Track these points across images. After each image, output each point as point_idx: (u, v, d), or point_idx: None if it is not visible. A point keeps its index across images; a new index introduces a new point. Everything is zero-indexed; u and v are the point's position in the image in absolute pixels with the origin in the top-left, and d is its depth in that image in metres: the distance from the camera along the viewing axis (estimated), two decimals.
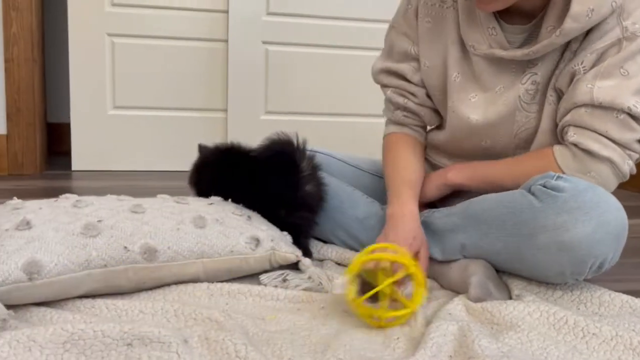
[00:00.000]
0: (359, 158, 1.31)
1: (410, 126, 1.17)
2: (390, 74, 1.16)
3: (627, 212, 0.90)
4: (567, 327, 0.80)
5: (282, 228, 1.07)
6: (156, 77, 2.21)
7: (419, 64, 1.12)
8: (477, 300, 0.89)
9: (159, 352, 0.66)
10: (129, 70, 2.18)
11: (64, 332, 0.68)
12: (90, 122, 2.18)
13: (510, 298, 0.94)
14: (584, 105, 0.92)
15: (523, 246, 0.91)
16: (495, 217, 0.95)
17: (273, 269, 1.02)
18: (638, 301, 0.91)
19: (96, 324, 0.69)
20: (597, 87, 0.91)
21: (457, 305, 0.87)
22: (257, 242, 0.99)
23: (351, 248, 1.15)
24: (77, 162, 2.18)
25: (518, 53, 0.97)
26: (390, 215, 1.04)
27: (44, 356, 0.66)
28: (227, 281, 0.97)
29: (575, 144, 0.94)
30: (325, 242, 1.18)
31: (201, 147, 1.20)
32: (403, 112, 1.16)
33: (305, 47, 2.28)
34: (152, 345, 0.67)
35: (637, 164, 0.97)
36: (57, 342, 0.67)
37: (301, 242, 1.08)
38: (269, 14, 2.22)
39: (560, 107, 0.97)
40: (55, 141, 2.46)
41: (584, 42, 0.93)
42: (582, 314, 0.88)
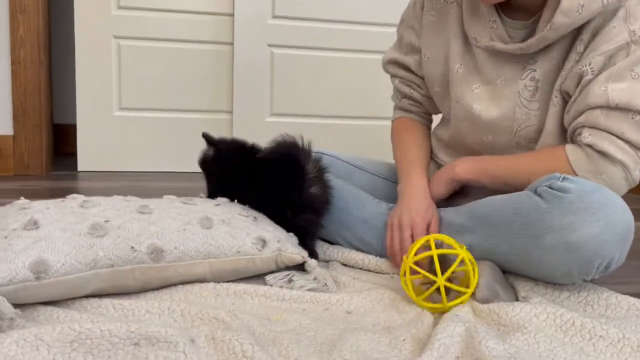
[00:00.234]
0: (365, 160, 1.32)
1: (416, 113, 1.28)
2: (398, 65, 1.24)
3: (633, 215, 0.90)
4: (574, 329, 0.80)
5: (288, 229, 1.08)
6: (162, 79, 2.22)
7: (421, 56, 1.18)
8: (484, 301, 0.89)
9: (166, 352, 0.66)
10: (135, 72, 2.19)
11: (71, 331, 0.68)
12: (96, 123, 2.18)
13: (517, 300, 0.93)
14: (599, 107, 0.93)
15: (530, 247, 0.91)
16: (502, 218, 0.95)
17: (279, 269, 1.02)
18: None
19: (103, 324, 0.70)
20: (611, 89, 0.92)
21: (464, 307, 0.87)
22: (263, 242, 0.99)
23: (357, 249, 1.15)
24: (83, 163, 2.19)
25: (514, 47, 1.00)
26: (402, 191, 1.13)
27: (52, 355, 0.66)
28: (234, 281, 0.97)
29: (590, 145, 0.94)
30: (332, 243, 1.18)
31: (207, 137, 1.18)
32: (409, 100, 1.26)
33: (310, 50, 2.28)
34: (159, 344, 0.68)
35: None
36: (65, 341, 0.67)
37: (307, 244, 1.07)
38: (275, 17, 2.23)
39: (571, 109, 0.97)
40: (61, 142, 2.47)
41: (590, 44, 0.94)
42: (589, 316, 0.87)
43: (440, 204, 1.12)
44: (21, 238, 0.84)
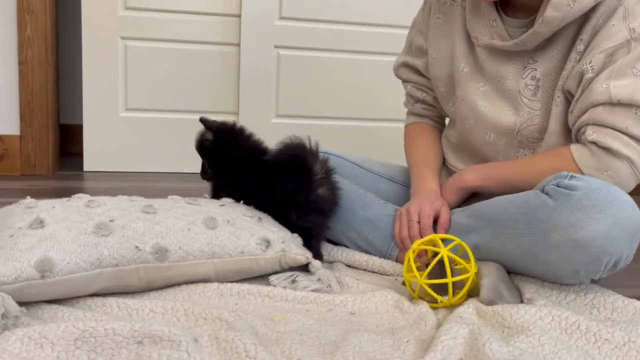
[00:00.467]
0: (372, 161, 1.32)
1: (429, 117, 1.29)
2: (409, 69, 1.26)
3: None
4: (579, 332, 0.79)
5: (293, 231, 1.07)
6: (168, 79, 2.22)
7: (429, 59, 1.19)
8: (489, 303, 0.88)
9: (169, 351, 0.66)
10: (141, 73, 2.20)
11: (75, 329, 0.68)
12: (103, 123, 2.19)
13: (522, 301, 0.93)
14: (602, 104, 0.93)
15: (536, 245, 0.91)
16: (509, 217, 0.95)
17: (283, 270, 1.02)
18: None
19: (107, 322, 0.70)
20: (613, 86, 0.92)
21: (468, 308, 0.87)
22: (267, 243, 0.99)
23: (362, 249, 1.15)
24: (89, 163, 2.20)
25: (510, 43, 1.02)
26: (414, 192, 1.16)
27: (55, 353, 0.66)
28: (237, 281, 0.97)
29: (594, 142, 0.94)
30: (336, 243, 1.18)
31: (205, 122, 1.14)
32: (422, 104, 1.27)
33: (317, 52, 2.28)
34: (162, 343, 0.68)
35: None
36: (69, 339, 0.67)
37: (312, 245, 1.07)
38: (281, 18, 2.23)
39: (574, 108, 0.98)
40: (68, 142, 2.47)
41: (590, 43, 0.96)
42: (595, 319, 0.87)
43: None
44: (27, 237, 0.84)
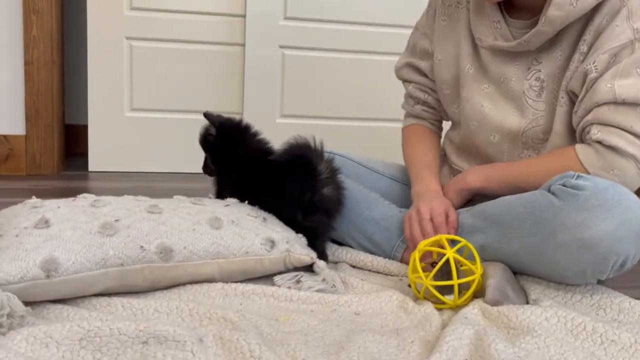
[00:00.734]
0: (376, 161, 1.32)
1: (428, 120, 1.28)
2: (413, 69, 1.25)
3: None
4: (585, 333, 0.79)
5: (298, 231, 1.07)
6: (173, 80, 2.22)
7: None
8: (494, 303, 0.88)
9: (174, 351, 0.66)
10: (146, 73, 2.20)
11: (81, 329, 0.68)
12: (108, 123, 2.20)
13: (528, 302, 0.93)
14: (606, 103, 0.93)
15: (543, 245, 0.91)
16: (515, 217, 0.95)
17: (288, 270, 1.02)
18: None
19: (112, 322, 0.70)
20: (617, 85, 0.92)
21: (474, 309, 0.86)
22: (272, 243, 0.99)
23: (366, 249, 1.14)
24: (94, 163, 2.20)
25: (514, 44, 1.02)
26: (417, 193, 1.14)
27: (61, 352, 0.66)
28: (242, 282, 0.97)
29: (599, 141, 0.94)
30: (341, 243, 1.17)
31: (209, 116, 1.15)
32: (422, 106, 1.26)
33: (321, 52, 2.28)
34: (167, 343, 0.68)
35: None
36: (74, 338, 0.68)
37: (317, 245, 1.07)
38: (286, 18, 2.23)
39: (579, 108, 0.98)
40: (73, 142, 2.48)
41: (595, 44, 0.96)
42: (601, 320, 0.86)
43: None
44: (32, 236, 0.84)
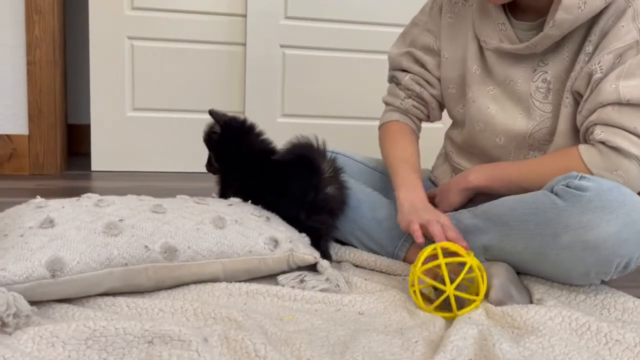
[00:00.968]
0: (378, 161, 1.31)
1: (414, 117, 1.23)
2: (413, 60, 1.21)
3: None
4: (590, 332, 0.79)
5: (301, 231, 1.07)
6: (175, 79, 2.23)
7: (440, 58, 1.17)
8: (498, 303, 0.88)
9: (180, 350, 0.67)
10: (148, 73, 2.20)
11: (86, 328, 0.68)
12: (110, 123, 2.20)
13: (531, 302, 0.93)
14: (610, 104, 0.93)
15: (546, 246, 0.91)
16: (518, 218, 0.95)
17: (291, 270, 1.02)
18: None
19: (117, 322, 0.70)
20: (622, 86, 0.92)
21: (478, 309, 0.86)
22: (275, 243, 0.99)
23: (369, 248, 1.14)
24: (97, 162, 2.21)
25: (521, 46, 1.01)
26: (404, 199, 1.05)
27: (67, 352, 0.67)
28: (246, 281, 0.97)
29: (602, 142, 0.94)
30: (344, 243, 1.17)
31: (214, 114, 1.15)
32: (414, 101, 1.21)
33: (322, 51, 2.28)
34: (172, 343, 0.68)
35: None
36: (80, 338, 0.68)
37: (320, 245, 1.07)
38: (287, 17, 2.23)
39: (583, 108, 0.97)
40: (75, 142, 2.49)
41: (600, 44, 0.95)
42: (605, 319, 0.86)
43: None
44: (37, 236, 0.85)
